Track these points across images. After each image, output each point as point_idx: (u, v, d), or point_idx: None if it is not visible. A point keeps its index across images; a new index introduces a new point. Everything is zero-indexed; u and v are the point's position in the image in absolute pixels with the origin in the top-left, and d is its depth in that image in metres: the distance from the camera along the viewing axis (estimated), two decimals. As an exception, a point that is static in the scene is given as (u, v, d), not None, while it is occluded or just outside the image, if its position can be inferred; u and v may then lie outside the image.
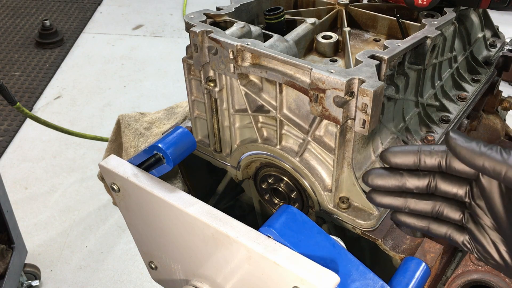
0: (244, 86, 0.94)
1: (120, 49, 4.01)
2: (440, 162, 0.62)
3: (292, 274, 0.66)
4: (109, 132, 1.66)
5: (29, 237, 2.41)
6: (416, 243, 0.88)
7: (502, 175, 0.55)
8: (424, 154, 0.63)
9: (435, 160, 0.62)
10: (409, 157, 0.64)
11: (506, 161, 0.55)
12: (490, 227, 0.62)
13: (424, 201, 0.66)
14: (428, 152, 0.63)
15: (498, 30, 1.38)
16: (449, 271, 1.10)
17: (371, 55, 0.84)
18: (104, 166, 0.85)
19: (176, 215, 0.78)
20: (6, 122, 3.18)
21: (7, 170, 2.83)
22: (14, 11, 4.50)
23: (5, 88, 2.07)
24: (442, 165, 0.62)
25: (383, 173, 0.66)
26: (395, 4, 1.10)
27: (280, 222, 0.75)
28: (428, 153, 0.63)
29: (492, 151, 0.56)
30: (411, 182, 0.65)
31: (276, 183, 1.02)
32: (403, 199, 0.66)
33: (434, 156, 0.62)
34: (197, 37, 0.91)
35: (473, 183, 0.62)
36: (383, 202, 0.68)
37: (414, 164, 0.64)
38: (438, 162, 0.62)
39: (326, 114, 0.81)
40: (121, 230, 2.50)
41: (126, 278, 2.30)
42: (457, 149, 0.58)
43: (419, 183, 0.65)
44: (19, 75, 3.65)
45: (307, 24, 1.02)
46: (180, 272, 0.91)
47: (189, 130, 0.93)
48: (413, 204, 0.66)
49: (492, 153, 0.56)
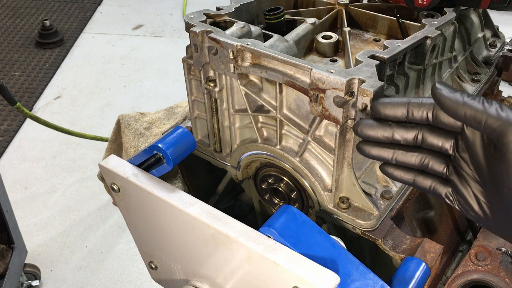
0: (244, 86, 0.94)
1: (120, 49, 4.01)
2: (428, 114, 0.63)
3: (292, 274, 0.66)
4: (109, 132, 1.66)
5: (29, 237, 2.41)
6: (416, 243, 0.88)
7: (482, 124, 0.57)
8: (412, 106, 0.64)
9: (423, 112, 0.64)
10: (398, 108, 0.65)
11: (486, 110, 0.56)
12: (472, 178, 0.63)
13: (411, 153, 0.67)
14: (417, 104, 0.64)
15: (498, 30, 1.39)
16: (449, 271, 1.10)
17: (371, 55, 0.84)
18: (104, 166, 0.85)
19: (176, 215, 0.78)
20: (6, 122, 3.18)
21: (7, 170, 2.83)
22: (14, 11, 4.50)
23: (5, 88, 2.07)
24: (429, 117, 0.63)
25: (372, 123, 0.68)
26: (395, 4, 1.10)
27: (280, 222, 0.75)
28: (416, 105, 0.64)
29: (474, 101, 0.58)
30: (399, 134, 0.66)
31: (276, 183, 1.02)
32: (391, 151, 0.68)
33: (422, 108, 0.64)
34: (197, 37, 0.91)
35: (458, 136, 0.64)
36: (372, 153, 0.69)
37: (403, 115, 0.65)
38: (425, 114, 0.63)
39: (326, 114, 0.81)
40: (121, 230, 2.50)
41: (126, 278, 2.30)
42: (441, 99, 0.59)
43: (407, 135, 0.66)
44: (19, 75, 3.65)
45: (307, 24, 1.02)
46: (180, 272, 0.91)
47: (189, 130, 0.93)
48: (401, 155, 0.68)
49: (474, 103, 0.57)
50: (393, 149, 0.68)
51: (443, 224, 1.14)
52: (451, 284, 0.86)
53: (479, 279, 0.84)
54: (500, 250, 0.89)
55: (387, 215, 0.92)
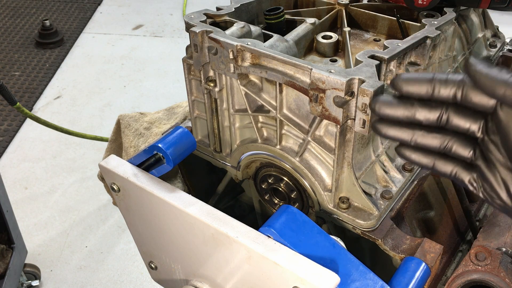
0: (244, 86, 0.94)
1: (120, 49, 4.01)
2: (456, 92, 0.57)
3: (292, 274, 0.66)
4: (109, 132, 1.66)
5: (29, 237, 2.41)
6: (416, 243, 0.88)
7: None
8: (439, 83, 0.57)
9: (451, 90, 0.57)
10: (422, 85, 0.58)
11: None
12: (502, 164, 0.57)
13: (433, 134, 0.60)
14: (444, 81, 0.57)
15: (498, 30, 1.38)
16: (449, 271, 1.10)
17: (371, 55, 0.84)
18: (104, 166, 0.85)
19: (176, 215, 0.78)
20: (6, 122, 3.18)
21: (7, 170, 2.83)
22: (14, 11, 4.50)
23: (5, 88, 2.07)
24: (458, 96, 0.57)
25: (392, 101, 0.61)
26: (395, 4, 1.10)
27: (280, 222, 0.75)
28: (443, 82, 0.57)
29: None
30: (421, 113, 0.59)
31: (276, 183, 1.02)
32: (410, 131, 0.61)
33: (450, 86, 0.57)
34: (197, 37, 0.91)
35: (489, 117, 0.57)
36: (389, 133, 0.63)
37: (427, 93, 0.58)
38: (453, 92, 0.57)
39: (326, 114, 0.81)
40: (121, 230, 2.50)
41: (126, 278, 2.30)
42: (476, 76, 0.53)
43: (430, 115, 0.59)
44: (19, 75, 3.65)
45: (307, 24, 1.02)
46: (180, 272, 0.91)
47: (189, 130, 0.93)
48: (421, 137, 0.61)
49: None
50: (413, 130, 0.61)
51: (443, 224, 1.14)
52: (451, 284, 0.86)
53: (479, 279, 0.84)
54: (500, 250, 0.89)
55: (387, 215, 0.92)
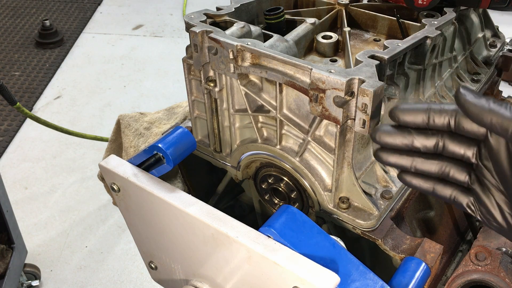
0: (244, 86, 0.94)
1: (120, 49, 4.01)
2: (449, 121, 0.61)
3: (292, 274, 0.66)
4: (109, 132, 1.66)
5: (29, 237, 2.41)
6: (416, 243, 0.88)
7: (510, 131, 0.55)
8: (433, 112, 0.61)
9: (445, 118, 0.61)
10: (418, 115, 0.62)
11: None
12: (495, 188, 0.61)
13: (431, 160, 0.65)
14: (438, 111, 0.61)
15: (498, 30, 1.38)
16: (449, 271, 1.10)
17: (371, 55, 0.84)
18: (104, 166, 0.85)
19: (176, 215, 0.78)
20: (6, 122, 3.18)
21: (7, 170, 2.83)
22: (14, 11, 4.50)
23: (5, 88, 2.07)
24: (451, 124, 0.61)
25: (391, 130, 0.65)
26: (395, 4, 1.10)
27: (280, 222, 0.75)
28: (437, 111, 0.61)
29: (501, 107, 0.55)
30: (419, 141, 0.64)
31: (276, 183, 1.02)
32: (410, 158, 0.65)
33: (444, 115, 0.61)
34: (197, 37, 0.91)
35: (481, 144, 0.61)
36: (390, 160, 0.66)
37: (423, 122, 0.62)
38: (447, 121, 0.61)
39: (326, 114, 0.81)
40: (121, 230, 2.50)
41: (126, 278, 2.30)
42: (465, 105, 0.57)
43: (427, 142, 0.63)
44: (19, 75, 3.65)
45: (307, 24, 1.02)
46: (180, 272, 0.91)
47: (189, 130, 0.93)
48: (420, 163, 0.65)
49: (500, 109, 0.55)
50: (412, 157, 0.65)
51: (443, 224, 1.14)
52: (451, 284, 0.86)
53: (479, 279, 0.84)
54: (500, 250, 0.89)
55: (387, 215, 0.92)
